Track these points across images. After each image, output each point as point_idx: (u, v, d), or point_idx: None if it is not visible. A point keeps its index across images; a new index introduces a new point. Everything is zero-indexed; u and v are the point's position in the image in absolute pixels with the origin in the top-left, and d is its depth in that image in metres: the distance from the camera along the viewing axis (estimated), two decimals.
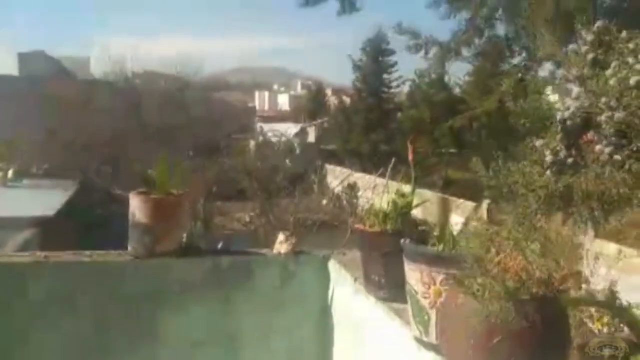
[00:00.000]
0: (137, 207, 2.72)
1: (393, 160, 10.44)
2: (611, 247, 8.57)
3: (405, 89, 28.89)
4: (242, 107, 35.88)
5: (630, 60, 1.59)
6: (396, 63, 28.01)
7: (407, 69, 29.91)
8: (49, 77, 17.65)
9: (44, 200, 9.41)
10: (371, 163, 20.62)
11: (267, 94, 59.94)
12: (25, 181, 11.61)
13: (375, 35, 26.72)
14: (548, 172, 1.70)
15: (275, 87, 67.31)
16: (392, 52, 27.14)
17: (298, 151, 23.71)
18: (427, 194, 14.05)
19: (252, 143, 22.68)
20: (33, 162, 12.53)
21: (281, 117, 39.42)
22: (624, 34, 1.66)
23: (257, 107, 47.57)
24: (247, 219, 12.99)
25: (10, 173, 11.50)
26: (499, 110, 17.75)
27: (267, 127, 27.71)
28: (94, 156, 13.41)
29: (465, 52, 13.64)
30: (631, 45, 1.60)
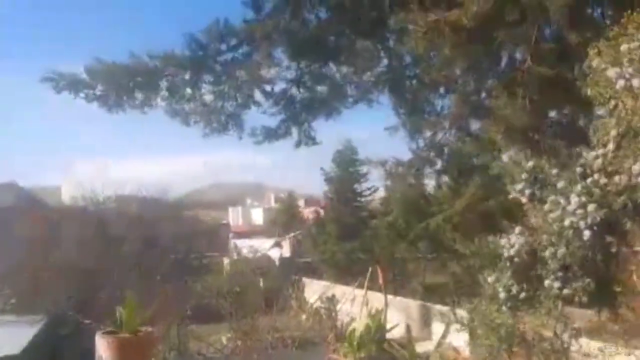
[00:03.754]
0: (103, 348, 2.61)
1: (369, 269, 10.39)
2: (591, 345, 8.45)
3: (379, 194, 29.44)
4: (215, 224, 35.75)
5: (562, 201, 1.70)
6: (367, 173, 28.77)
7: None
8: (19, 208, 17.50)
9: (9, 337, 8.99)
10: (348, 273, 20.46)
11: (240, 209, 60.11)
12: None
13: (345, 147, 27.65)
14: (504, 308, 1.72)
15: (249, 201, 67.75)
16: (362, 163, 27.97)
17: (274, 265, 23.44)
18: (408, 302, 13.88)
19: (226, 261, 22.40)
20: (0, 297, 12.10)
21: (255, 232, 39.32)
22: (555, 171, 1.77)
23: (231, 223, 47.52)
24: (224, 341, 12.50)
25: None
26: (469, 208, 18.16)
27: (241, 242, 27.53)
28: (63, 287, 13.01)
29: (427, 169, 14.24)
30: (560, 184, 1.71)
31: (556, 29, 7.47)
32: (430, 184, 24.49)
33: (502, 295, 1.68)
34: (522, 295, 1.62)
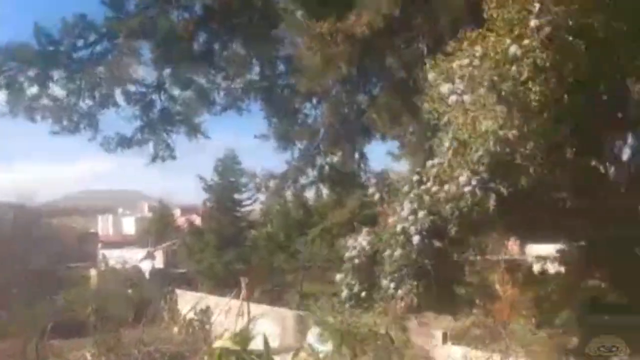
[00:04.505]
0: None
1: (246, 280, 10.14)
2: (458, 351, 8.97)
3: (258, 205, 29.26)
4: (83, 233, 33.64)
5: (397, 207, 1.82)
6: (248, 183, 28.47)
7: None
8: None
9: None
10: (226, 284, 20.03)
11: (110, 217, 56.98)
12: None
13: (226, 156, 27.19)
14: (346, 306, 1.78)
15: (120, 210, 64.37)
16: (243, 173, 27.66)
17: (144, 277, 22.43)
18: (284, 312, 13.85)
19: (93, 272, 21.06)
20: None
21: (127, 242, 37.48)
22: (399, 177, 1.91)
23: (101, 232, 44.84)
24: (88, 357, 11.65)
25: None
26: (350, 220, 18.60)
27: (110, 253, 26.16)
28: None
29: (302, 179, 14.37)
30: (405, 189, 1.81)
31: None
32: (310, 194, 24.89)
33: (344, 293, 1.77)
34: (363, 294, 1.71)
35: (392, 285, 6.63)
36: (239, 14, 11.55)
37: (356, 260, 6.66)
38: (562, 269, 9.69)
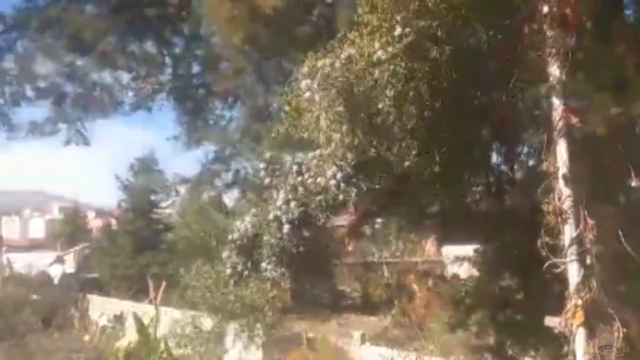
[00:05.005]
0: None
1: (164, 284, 9.83)
2: (375, 350, 9.15)
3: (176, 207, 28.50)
4: None
5: (275, 195, 1.92)
6: (166, 184, 27.66)
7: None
8: None
9: None
10: (142, 288, 19.32)
11: (17, 219, 53.74)
12: None
13: (145, 155, 26.27)
14: (231, 282, 1.82)
15: (27, 211, 60.70)
16: (161, 172, 26.83)
17: (55, 282, 21.26)
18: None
19: None
20: None
21: (34, 245, 35.46)
22: (289, 163, 1.97)
23: (5, 235, 42.13)
24: None
25: None
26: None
27: (16, 257, 24.67)
28: None
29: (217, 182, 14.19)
30: (283, 179, 1.85)
31: None
32: (230, 196, 24.57)
33: (228, 271, 1.85)
34: (245, 273, 1.80)
35: (269, 267, 7.12)
36: (152, 8, 11.30)
37: (238, 242, 7.08)
38: (475, 270, 10.13)
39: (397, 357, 8.59)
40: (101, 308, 15.73)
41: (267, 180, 7.81)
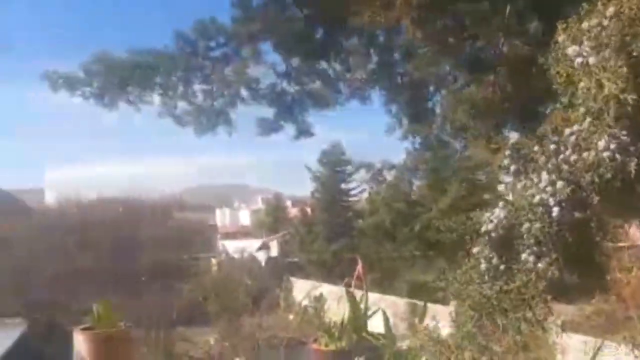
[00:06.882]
0: (81, 344, 2.53)
1: (357, 268, 10.17)
2: (578, 339, 8.49)
3: (365, 195, 29.40)
4: (202, 225, 35.53)
5: (535, 178, 1.72)
6: (353, 173, 28.73)
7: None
8: (1, 212, 17.29)
9: None
10: (335, 272, 20.39)
11: (227, 210, 59.84)
12: None
13: (332, 147, 27.59)
14: (486, 278, 1.72)
15: (236, 203, 67.48)
16: (348, 162, 27.91)
17: (261, 266, 23.33)
18: (395, 300, 13.84)
19: (214, 261, 22.24)
20: None
21: (243, 233, 39.15)
22: (536, 147, 1.78)
23: (218, 224, 47.26)
24: (212, 342, 12.37)
25: None
26: (452, 208, 18.15)
27: (228, 244, 27.36)
28: (44, 289, 12.83)
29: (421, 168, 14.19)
30: (542, 160, 1.72)
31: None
32: (416, 183, 24.53)
33: (482, 266, 1.73)
34: (502, 267, 1.67)
35: (532, 258, 6.30)
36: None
37: (493, 234, 6.40)
38: None
39: (604, 347, 7.88)
40: (302, 290, 16.85)
41: (512, 168, 7.40)
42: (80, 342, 2.53)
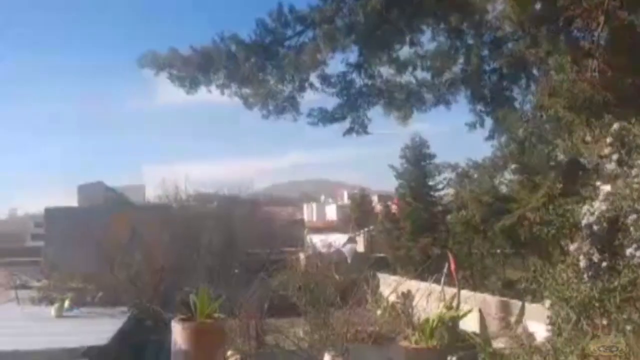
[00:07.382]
0: (178, 333, 2.68)
1: (446, 265, 10.09)
2: None
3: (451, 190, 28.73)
4: (291, 220, 36.24)
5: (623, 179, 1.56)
6: (438, 166, 28.15)
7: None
8: (107, 207, 18.54)
9: (97, 328, 9.46)
10: (423, 268, 20.09)
11: (314, 205, 60.62)
12: (79, 310, 11.82)
13: (414, 141, 27.18)
14: (585, 277, 1.61)
15: (322, 198, 68.26)
16: (433, 156, 27.41)
17: (348, 261, 23.43)
18: (486, 298, 13.43)
19: (302, 256, 22.62)
20: (88, 291, 12.83)
21: (329, 228, 39.53)
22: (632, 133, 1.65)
23: (306, 219, 47.98)
24: (301, 334, 12.59)
25: (67, 303, 11.74)
26: (546, 206, 17.28)
27: (316, 238, 27.71)
28: (147, 283, 13.61)
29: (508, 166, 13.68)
30: None
31: None
32: (506, 179, 23.67)
33: (582, 263, 1.59)
34: (604, 264, 1.52)
35: (639, 253, 5.63)
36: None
37: (595, 227, 5.74)
38: None
39: None
40: (389, 286, 16.76)
41: (614, 157, 6.90)
42: (177, 331, 2.68)
